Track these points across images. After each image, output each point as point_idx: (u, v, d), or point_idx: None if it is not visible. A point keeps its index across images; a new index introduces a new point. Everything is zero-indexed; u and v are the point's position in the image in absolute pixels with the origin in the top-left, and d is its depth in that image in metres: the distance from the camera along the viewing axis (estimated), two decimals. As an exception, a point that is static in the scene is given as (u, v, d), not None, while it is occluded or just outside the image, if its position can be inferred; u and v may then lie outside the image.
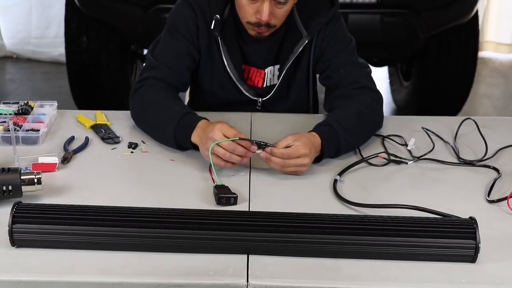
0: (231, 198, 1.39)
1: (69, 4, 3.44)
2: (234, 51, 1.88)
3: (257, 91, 1.95)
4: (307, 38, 1.86)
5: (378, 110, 1.81)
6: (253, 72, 1.94)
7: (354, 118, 1.70)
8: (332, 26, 1.89)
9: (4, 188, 1.35)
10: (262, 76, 1.94)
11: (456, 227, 1.22)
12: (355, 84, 1.82)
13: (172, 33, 1.87)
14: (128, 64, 3.73)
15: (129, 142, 1.72)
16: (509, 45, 5.23)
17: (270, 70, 1.93)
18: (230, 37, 1.87)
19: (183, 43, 1.85)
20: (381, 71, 4.56)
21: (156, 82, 1.78)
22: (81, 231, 1.21)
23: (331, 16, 1.88)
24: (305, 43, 1.86)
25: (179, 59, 1.85)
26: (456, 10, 3.31)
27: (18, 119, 1.76)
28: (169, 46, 1.86)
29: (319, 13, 1.87)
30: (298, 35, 1.87)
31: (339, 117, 1.69)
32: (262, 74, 1.93)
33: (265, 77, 1.94)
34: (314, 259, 1.21)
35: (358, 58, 1.92)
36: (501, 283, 1.17)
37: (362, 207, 1.40)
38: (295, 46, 1.88)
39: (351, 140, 1.66)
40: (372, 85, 1.86)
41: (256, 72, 1.94)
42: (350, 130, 1.66)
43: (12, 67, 4.92)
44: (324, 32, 1.88)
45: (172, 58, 1.84)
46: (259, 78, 1.94)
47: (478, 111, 4.21)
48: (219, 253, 1.22)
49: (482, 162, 1.66)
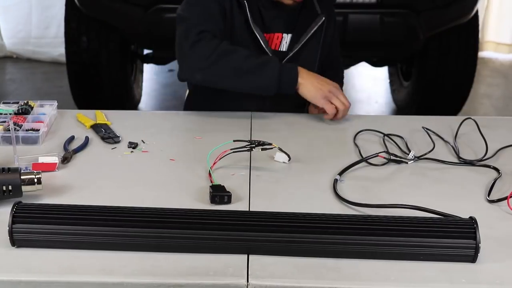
0: (224, 196, 1.39)
1: (69, 4, 3.44)
2: (257, 17, 1.93)
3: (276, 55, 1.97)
4: (322, 16, 1.96)
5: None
6: (269, 37, 1.98)
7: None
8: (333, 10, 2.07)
9: (4, 188, 1.35)
10: (280, 40, 1.99)
11: (456, 227, 1.22)
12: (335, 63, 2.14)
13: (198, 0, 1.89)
14: (128, 64, 3.74)
15: (129, 142, 1.72)
16: (509, 45, 5.24)
17: (285, 37, 1.99)
18: (253, 4, 1.91)
19: (215, 5, 1.88)
20: (381, 71, 4.57)
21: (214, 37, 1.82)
22: (82, 231, 1.21)
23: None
24: (322, 20, 1.96)
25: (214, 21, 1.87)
26: (456, 10, 3.32)
27: (18, 119, 1.76)
28: (203, 8, 1.87)
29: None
30: (313, 12, 1.96)
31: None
32: (280, 38, 1.98)
33: (282, 41, 1.99)
34: (315, 259, 1.21)
35: None
36: (501, 283, 1.17)
37: (362, 207, 1.40)
38: (311, 22, 1.96)
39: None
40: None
41: (273, 36, 1.98)
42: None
43: (12, 67, 4.93)
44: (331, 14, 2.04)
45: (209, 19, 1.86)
46: (277, 41, 1.99)
47: (478, 111, 4.21)
48: (219, 253, 1.22)
49: (482, 162, 1.66)
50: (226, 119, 1.90)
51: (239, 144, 1.55)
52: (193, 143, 1.74)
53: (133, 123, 1.84)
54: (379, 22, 3.16)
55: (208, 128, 1.82)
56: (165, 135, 1.78)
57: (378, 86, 4.61)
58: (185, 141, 1.75)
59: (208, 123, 1.86)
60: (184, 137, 1.77)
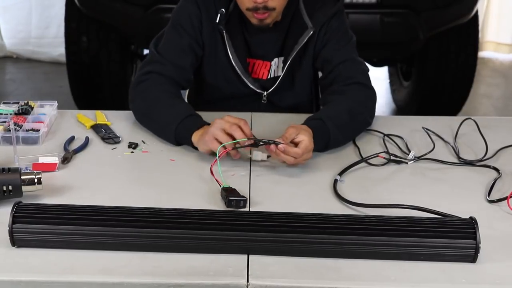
0: (240, 201, 1.39)
1: (69, 4, 3.44)
2: (239, 44, 1.90)
3: (262, 83, 1.96)
4: (312, 29, 1.88)
5: (370, 108, 1.84)
6: (258, 65, 1.95)
7: (346, 115, 1.72)
8: (335, 20, 1.91)
9: (4, 188, 1.35)
10: (268, 68, 1.95)
11: (456, 227, 1.22)
12: (351, 79, 1.84)
13: (176, 29, 1.88)
14: (128, 64, 3.73)
15: (129, 142, 1.72)
16: (509, 45, 5.23)
17: (275, 62, 1.94)
18: (235, 31, 1.88)
19: (186, 39, 1.86)
20: (381, 71, 4.56)
21: (160, 78, 1.80)
22: (82, 231, 1.21)
23: (336, 10, 1.90)
24: (310, 34, 1.88)
25: (183, 56, 1.86)
26: (456, 10, 3.31)
27: (18, 119, 1.76)
28: (173, 42, 1.87)
29: (325, 6, 1.90)
30: (303, 26, 1.89)
31: (332, 113, 1.71)
32: (268, 66, 1.94)
33: (270, 69, 1.95)
34: (314, 259, 1.21)
35: (357, 55, 1.93)
36: (501, 283, 1.17)
37: (362, 207, 1.40)
38: (300, 37, 1.89)
39: (340, 137, 1.69)
40: (367, 82, 1.87)
41: (261, 64, 1.95)
42: (341, 127, 1.68)
43: (12, 67, 4.92)
44: (328, 26, 1.90)
45: (176, 54, 1.85)
46: (264, 70, 1.95)
47: (478, 111, 4.21)
48: (219, 253, 1.22)
49: (482, 162, 1.66)
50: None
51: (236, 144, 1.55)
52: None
53: (133, 123, 1.84)
54: (379, 22, 3.16)
55: (208, 128, 1.82)
56: (165, 135, 1.78)
57: (378, 86, 4.59)
58: (185, 141, 1.75)
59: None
60: (184, 137, 1.77)
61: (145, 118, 1.79)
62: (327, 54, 1.90)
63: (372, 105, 1.85)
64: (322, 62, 1.92)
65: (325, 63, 1.91)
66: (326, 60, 1.91)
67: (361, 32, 3.21)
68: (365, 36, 3.21)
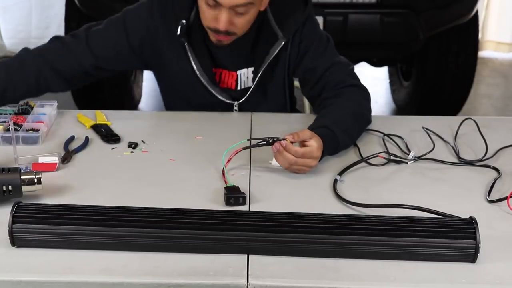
0: (239, 198, 1.39)
1: (69, 4, 3.44)
2: (202, 55, 1.85)
3: (231, 94, 1.91)
4: (283, 39, 1.83)
5: (367, 106, 1.83)
6: (225, 74, 1.91)
7: (350, 119, 1.71)
8: (308, 26, 1.86)
9: (4, 188, 1.35)
10: (235, 78, 1.90)
11: (456, 227, 1.22)
12: (342, 83, 1.82)
13: (117, 24, 1.85)
14: (128, 64, 3.73)
15: (129, 142, 1.72)
16: (509, 44, 5.23)
17: (244, 73, 1.90)
18: (197, 41, 1.84)
19: (121, 39, 1.84)
20: (381, 71, 4.56)
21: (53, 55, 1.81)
22: (81, 231, 1.21)
23: (306, 15, 1.85)
24: (281, 45, 1.83)
25: (104, 48, 1.84)
26: (456, 10, 3.32)
27: (18, 119, 1.76)
28: (105, 33, 1.85)
29: (294, 13, 1.84)
30: (273, 36, 1.83)
31: (336, 118, 1.69)
32: (235, 76, 1.90)
33: (238, 79, 1.90)
34: (314, 259, 1.21)
35: (339, 56, 1.90)
36: (501, 283, 1.17)
37: (362, 207, 1.40)
38: (271, 48, 1.84)
39: (348, 141, 1.69)
40: (357, 82, 1.86)
41: (228, 74, 1.90)
42: (347, 131, 1.67)
43: (12, 67, 4.92)
44: (301, 34, 1.85)
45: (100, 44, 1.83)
46: (232, 80, 1.91)
47: (478, 111, 4.21)
48: (219, 253, 1.22)
49: (482, 162, 1.66)
50: (226, 119, 1.90)
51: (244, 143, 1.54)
52: (193, 143, 1.74)
53: (133, 123, 1.84)
54: (379, 22, 3.16)
55: (208, 128, 1.82)
56: (165, 135, 1.78)
57: (378, 86, 4.60)
58: (185, 141, 1.75)
59: (208, 123, 1.86)
60: (184, 137, 1.77)
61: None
62: (309, 63, 1.86)
63: (369, 103, 1.85)
64: (304, 72, 1.88)
65: (309, 73, 1.87)
66: (309, 70, 1.86)
67: (361, 32, 3.21)
68: (365, 36, 3.22)
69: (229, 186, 1.44)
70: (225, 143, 1.58)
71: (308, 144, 1.53)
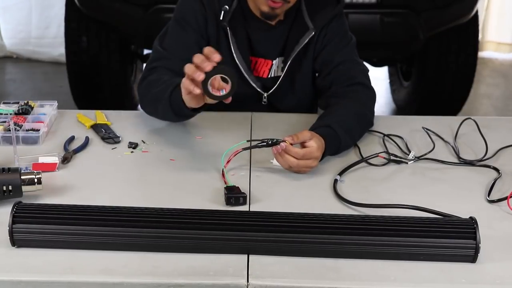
0: (240, 197, 1.40)
1: (69, 4, 3.44)
2: (242, 41, 1.89)
3: (263, 82, 1.95)
4: (313, 30, 1.88)
5: (372, 108, 1.86)
6: (260, 63, 1.95)
7: (353, 120, 1.73)
8: (336, 22, 1.92)
9: (4, 188, 1.35)
10: (269, 67, 1.94)
11: (456, 227, 1.22)
12: (351, 80, 1.85)
13: (181, 24, 1.87)
14: (128, 64, 3.74)
15: (129, 142, 1.72)
16: (509, 44, 5.23)
17: (276, 62, 1.94)
18: (238, 28, 1.88)
19: (192, 35, 1.86)
20: (381, 71, 4.56)
21: (166, 72, 1.79)
22: (82, 231, 1.21)
23: (337, 12, 1.91)
24: (311, 35, 1.88)
25: (189, 51, 1.83)
26: (456, 10, 3.31)
27: (18, 119, 1.76)
28: (178, 38, 1.86)
29: (326, 8, 1.90)
30: (305, 27, 1.89)
31: (339, 118, 1.70)
32: (269, 65, 1.94)
33: (271, 68, 1.95)
34: (314, 259, 1.21)
35: (357, 56, 1.95)
36: (501, 283, 1.17)
37: (362, 207, 1.40)
38: (301, 38, 1.89)
39: (350, 141, 1.70)
40: (367, 82, 1.89)
41: (263, 62, 1.94)
42: (349, 131, 1.68)
43: (12, 67, 4.92)
44: (328, 28, 1.91)
45: (182, 49, 1.82)
46: (266, 68, 1.95)
47: (478, 111, 4.21)
48: (219, 253, 1.22)
49: (482, 162, 1.66)
50: (226, 119, 1.90)
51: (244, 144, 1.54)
52: (193, 143, 1.74)
53: (133, 123, 1.84)
54: (379, 22, 3.16)
55: (208, 128, 1.82)
56: (165, 135, 1.78)
57: (378, 86, 4.59)
58: (185, 141, 1.75)
59: (208, 123, 1.86)
60: (184, 137, 1.77)
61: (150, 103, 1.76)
62: (327, 55, 1.91)
63: (372, 105, 1.87)
64: (321, 63, 1.93)
65: (324, 64, 1.92)
66: (325, 61, 1.92)
67: (361, 32, 3.20)
68: (365, 36, 3.21)
69: (229, 186, 1.44)
70: (225, 143, 1.58)
71: (308, 144, 1.54)
